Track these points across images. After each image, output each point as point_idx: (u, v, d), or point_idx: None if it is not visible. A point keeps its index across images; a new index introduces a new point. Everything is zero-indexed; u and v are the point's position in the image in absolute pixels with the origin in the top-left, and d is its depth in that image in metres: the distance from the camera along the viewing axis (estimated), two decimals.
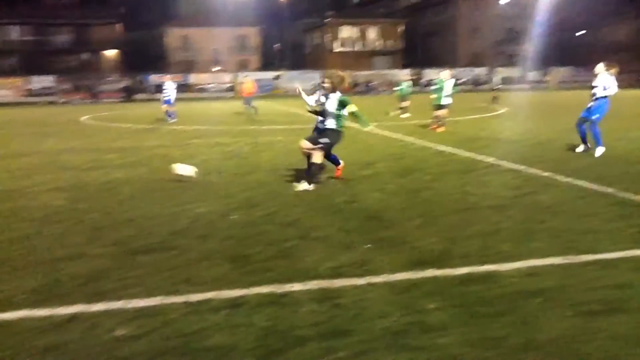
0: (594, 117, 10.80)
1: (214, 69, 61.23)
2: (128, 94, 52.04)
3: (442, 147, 12.38)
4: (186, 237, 5.76)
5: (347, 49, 70.24)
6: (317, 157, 8.14)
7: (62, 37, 67.44)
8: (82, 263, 5.03)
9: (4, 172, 10.28)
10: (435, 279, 4.53)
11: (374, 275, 4.60)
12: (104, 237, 5.82)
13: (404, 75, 31.93)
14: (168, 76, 25.71)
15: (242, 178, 9.18)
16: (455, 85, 17.20)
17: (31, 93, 53.41)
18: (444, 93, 16.39)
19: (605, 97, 10.75)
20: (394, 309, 3.95)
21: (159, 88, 50.18)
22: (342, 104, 8.20)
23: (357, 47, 70.81)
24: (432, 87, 17.53)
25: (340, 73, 8.48)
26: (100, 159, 11.70)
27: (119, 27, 69.37)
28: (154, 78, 56.47)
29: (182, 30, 67.98)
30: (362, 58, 68.47)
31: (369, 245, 5.38)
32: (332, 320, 3.81)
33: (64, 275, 4.73)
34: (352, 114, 8.30)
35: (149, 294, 4.28)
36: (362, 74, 57.74)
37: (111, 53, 68.63)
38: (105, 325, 3.78)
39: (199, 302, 4.11)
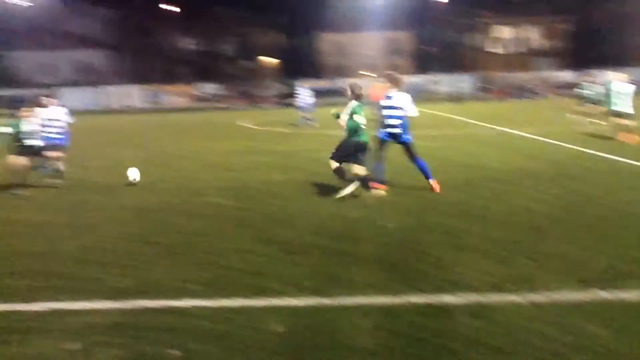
0: None
1: (364, 74, 62.03)
2: (285, 100, 54.63)
3: (616, 157, 11.34)
4: (340, 241, 5.91)
5: (503, 50, 67.25)
6: (332, 164, 8.31)
7: (228, 46, 72.73)
8: (245, 259, 5.39)
9: (174, 171, 11.33)
10: (602, 301, 4.19)
11: (534, 292, 4.37)
12: (264, 237, 6.18)
13: (586, 76, 26.16)
14: (303, 82, 26.59)
15: (395, 185, 9.19)
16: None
17: (199, 99, 58.32)
18: (619, 99, 14.25)
19: None
20: (555, 330, 3.73)
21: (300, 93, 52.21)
22: (353, 113, 8.10)
23: (514, 48, 67.50)
24: (592, 91, 15.89)
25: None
26: (260, 162, 12.42)
27: (279, 35, 73.19)
28: (308, 83, 58.73)
29: (335, 36, 69.84)
30: (520, 59, 65.10)
31: (528, 260, 5.12)
32: (486, 336, 3.69)
33: (230, 269, 5.10)
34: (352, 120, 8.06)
35: (304, 294, 4.47)
36: (518, 77, 54.86)
37: (271, 60, 72.59)
38: (265, 320, 4.02)
39: (351, 306, 4.21)
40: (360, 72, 61.65)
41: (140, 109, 54.76)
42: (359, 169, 8.19)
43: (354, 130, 8.21)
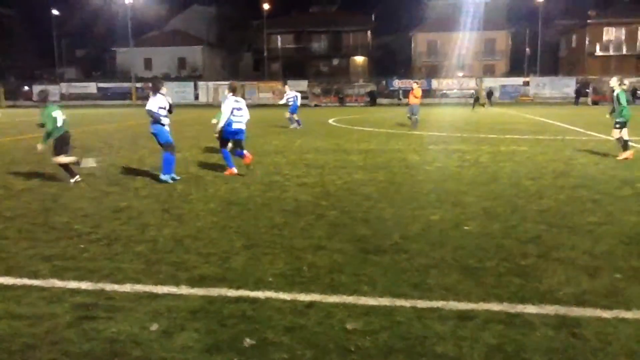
0: None
1: (458, 74, 60.64)
2: (372, 99, 54.52)
3: None
4: (418, 243, 5.82)
5: (611, 52, 63.26)
6: None
7: (318, 44, 73.56)
8: (322, 255, 5.43)
9: (262, 166, 11.61)
10: None
11: (624, 309, 4.09)
12: (341, 234, 6.20)
13: None
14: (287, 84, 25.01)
15: (480, 188, 8.94)
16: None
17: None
18: None
19: None
20: None
21: (401, 93, 51.61)
22: None
23: (624, 50, 63.31)
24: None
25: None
26: (344, 160, 12.47)
27: (369, 34, 73.10)
28: (397, 83, 58.27)
29: (429, 35, 68.70)
30: (630, 62, 61.10)
31: (618, 274, 4.80)
32: (568, 351, 3.50)
33: (306, 264, 5.16)
34: None
35: (379, 294, 4.44)
36: (632, 81, 51.43)
37: (360, 59, 72.66)
38: (338, 316, 4.03)
39: (427, 309, 4.13)
40: (456, 72, 60.33)
41: None
42: None
43: None
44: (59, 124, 9.25)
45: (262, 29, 70.01)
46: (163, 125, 9.46)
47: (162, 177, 9.52)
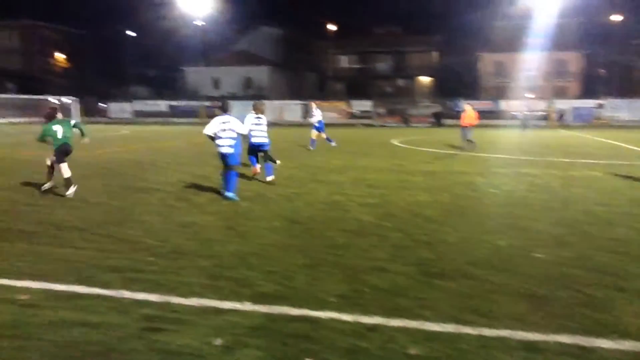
0: None
1: (527, 96, 59.10)
2: (437, 119, 53.88)
3: None
4: (484, 269, 5.66)
5: None
6: None
7: (383, 65, 73.70)
8: (384, 278, 5.37)
9: (325, 185, 11.65)
10: None
11: None
12: (404, 256, 6.12)
13: None
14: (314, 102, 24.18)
15: (550, 213, 8.62)
16: None
17: (352, 115, 59.67)
18: None
19: None
20: None
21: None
22: None
23: None
24: None
25: None
26: (407, 181, 12.34)
27: (434, 54, 72.60)
28: (464, 104, 57.45)
29: (496, 56, 67.42)
30: None
31: None
32: None
33: (367, 286, 5.11)
34: None
35: (443, 319, 4.33)
36: None
37: (425, 79, 72.20)
38: (400, 340, 3.96)
39: (493, 338, 4.00)
40: (524, 94, 58.82)
41: (297, 122, 57.28)
42: None
43: None
44: (59, 136, 10.32)
45: (326, 50, 70.86)
46: (219, 145, 10.01)
47: (228, 194, 9.77)
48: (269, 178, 11.71)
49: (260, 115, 11.99)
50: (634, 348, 3.84)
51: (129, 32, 72.55)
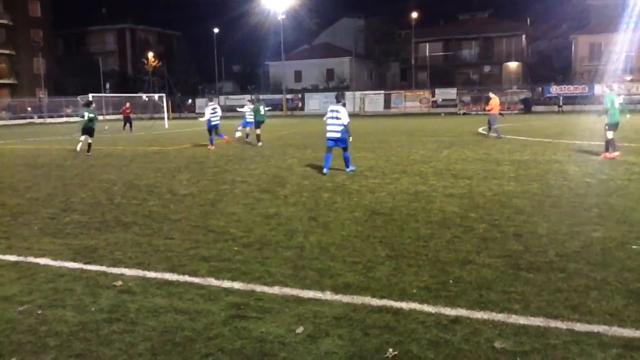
0: None
1: (626, 78, 55.39)
2: (527, 106, 51.75)
3: None
4: (576, 262, 5.38)
5: None
6: None
7: (468, 51, 71.62)
8: (469, 270, 5.23)
9: (408, 175, 11.51)
10: None
11: None
12: (491, 248, 5.93)
13: None
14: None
15: None
16: None
17: (436, 104, 58.50)
18: None
19: None
20: None
21: (561, 100, 48.47)
22: None
23: None
24: None
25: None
26: (494, 170, 11.95)
27: (523, 39, 69.64)
28: (555, 90, 54.82)
29: (591, 38, 63.61)
30: None
31: None
32: None
33: (452, 278, 5.00)
34: None
35: (531, 313, 4.16)
36: None
37: (513, 65, 69.45)
38: (485, 333, 3.84)
39: (585, 334, 3.79)
40: (623, 76, 55.18)
41: (379, 112, 56.96)
42: None
43: None
44: (86, 119, 17.83)
45: (409, 38, 69.78)
46: (328, 131, 11.93)
47: (350, 169, 12.22)
48: (349, 169, 12.32)
49: (215, 105, 17.51)
50: None
51: (215, 30, 74.93)
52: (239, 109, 23.50)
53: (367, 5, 77.58)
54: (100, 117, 39.19)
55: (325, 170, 11.87)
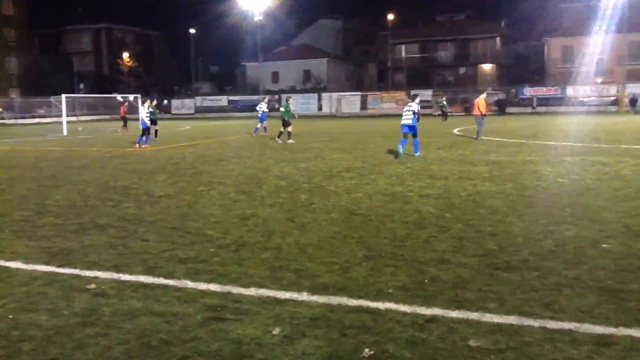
0: None
1: (596, 81, 56.48)
2: (501, 108, 52.39)
3: None
4: (550, 260, 5.47)
5: None
6: None
7: (445, 53, 72.25)
8: (445, 269, 5.28)
9: (385, 176, 11.58)
10: None
11: None
12: (466, 248, 5.99)
13: None
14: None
15: (621, 203, 8.23)
16: None
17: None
18: None
19: None
20: None
21: (535, 101, 49.16)
22: None
23: None
24: None
25: None
26: (469, 171, 12.08)
27: (498, 41, 70.51)
28: (529, 91, 55.62)
29: (564, 40, 64.72)
30: None
31: None
32: None
33: (428, 278, 5.05)
34: None
35: (506, 311, 4.22)
36: None
37: (488, 67, 70.26)
38: (461, 332, 3.89)
39: (558, 331, 3.86)
40: (594, 79, 56.24)
41: (356, 114, 57.16)
42: None
43: None
44: None
45: (387, 40, 70.14)
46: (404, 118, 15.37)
47: (417, 154, 15.05)
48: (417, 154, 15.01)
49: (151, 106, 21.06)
50: None
51: (192, 31, 74.44)
52: (257, 108, 26.78)
53: (346, 7, 77.81)
54: (73, 118, 38.64)
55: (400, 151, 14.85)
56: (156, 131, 23.35)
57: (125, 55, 75.49)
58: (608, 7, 57.77)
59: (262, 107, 25.67)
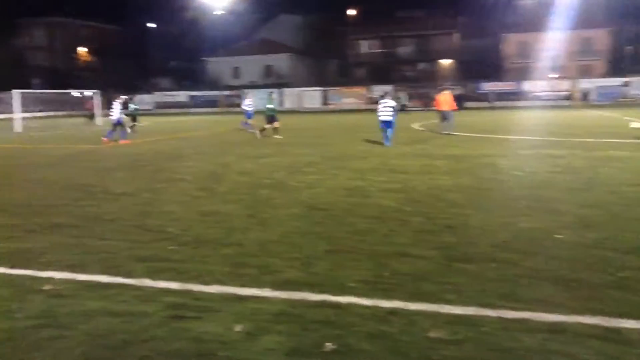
0: None
1: (550, 76, 57.97)
2: (460, 102, 53.22)
3: None
4: (507, 252, 5.60)
5: None
6: None
7: (405, 49, 72.95)
8: (405, 262, 5.35)
9: (346, 171, 11.64)
10: None
11: None
12: (426, 241, 6.09)
13: None
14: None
15: (574, 194, 8.49)
16: None
17: (371, 101, 59.22)
18: None
19: None
20: None
21: (493, 96, 50.16)
22: None
23: None
24: None
25: None
26: (429, 165, 12.26)
27: (457, 37, 71.58)
28: (486, 86, 56.68)
29: (519, 36, 66.16)
30: None
31: None
32: None
33: (388, 271, 5.10)
34: None
35: (464, 303, 4.31)
36: None
37: (447, 62, 71.28)
38: (421, 324, 3.95)
39: (515, 320, 3.96)
40: (548, 74, 57.66)
41: (317, 109, 57.25)
42: None
43: None
44: None
45: (348, 35, 70.34)
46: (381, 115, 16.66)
47: (388, 143, 16.37)
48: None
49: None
50: None
51: (150, 25, 73.06)
52: (243, 106, 25.36)
53: (306, 2, 77.51)
54: (27, 115, 37.52)
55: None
56: (133, 126, 23.85)
57: (82, 49, 73.53)
58: (561, 4, 59.37)
59: (248, 102, 24.68)
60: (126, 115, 21.47)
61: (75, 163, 14.46)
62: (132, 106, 25.60)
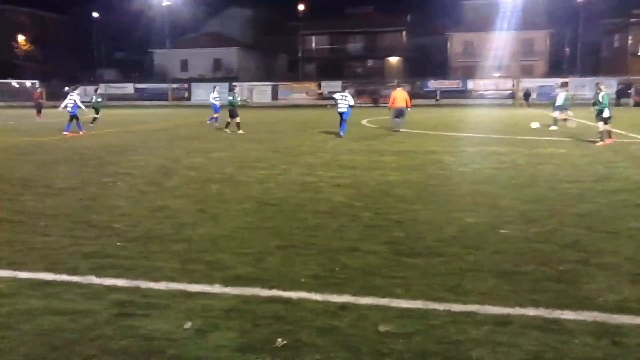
0: None
1: (494, 75, 59.65)
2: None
3: None
4: (453, 246, 5.75)
5: None
6: None
7: (354, 45, 73.43)
8: (355, 257, 5.41)
9: (296, 166, 11.65)
10: None
11: None
12: (375, 236, 6.17)
13: None
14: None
15: (517, 190, 8.79)
16: None
17: (322, 97, 59.41)
18: None
19: None
20: None
21: (438, 94, 51.14)
22: None
23: None
24: None
25: None
26: (378, 161, 12.41)
27: (404, 34, 72.59)
28: (433, 84, 57.78)
29: (465, 35, 67.71)
30: None
31: None
32: (608, 359, 3.40)
33: (339, 266, 5.15)
34: None
35: (413, 297, 4.40)
36: None
37: (395, 60, 72.20)
38: (371, 318, 4.01)
39: (462, 313, 4.07)
40: (492, 73, 59.28)
41: (267, 104, 56.93)
42: None
43: None
44: None
45: (297, 30, 70.19)
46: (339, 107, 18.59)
47: (342, 134, 18.18)
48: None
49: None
50: (596, 319, 3.95)
51: (95, 14, 70.78)
52: (211, 99, 24.64)
53: None
54: None
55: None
56: (95, 118, 23.36)
57: (21, 38, 70.52)
58: (506, 5, 61.15)
59: (215, 96, 24.31)
60: (87, 107, 20.90)
61: (13, 156, 13.89)
62: (95, 98, 24.62)
